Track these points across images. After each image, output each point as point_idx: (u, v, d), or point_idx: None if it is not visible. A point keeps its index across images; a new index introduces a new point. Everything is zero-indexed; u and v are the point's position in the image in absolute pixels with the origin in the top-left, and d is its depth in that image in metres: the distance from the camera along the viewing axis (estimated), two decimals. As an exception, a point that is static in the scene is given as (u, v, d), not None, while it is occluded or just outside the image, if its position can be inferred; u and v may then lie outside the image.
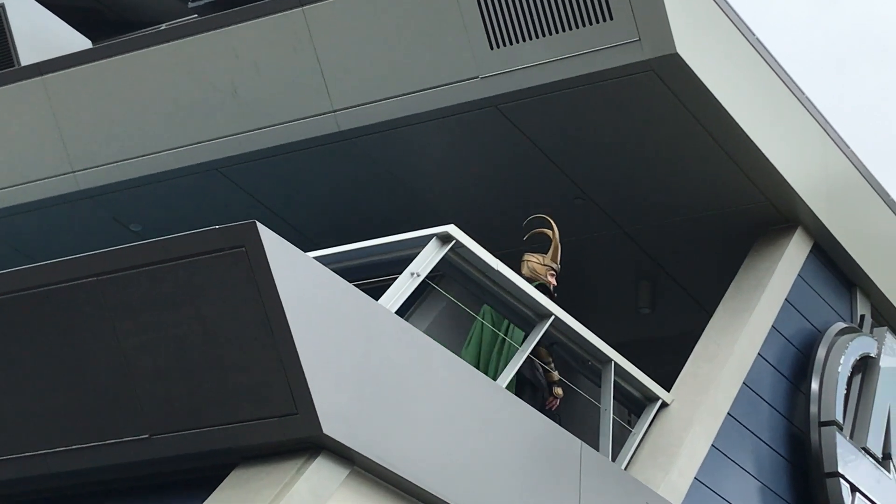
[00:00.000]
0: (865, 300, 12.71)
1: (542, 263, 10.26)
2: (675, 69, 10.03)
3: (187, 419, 6.88)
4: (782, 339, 11.46)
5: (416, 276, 8.29)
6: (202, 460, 6.93)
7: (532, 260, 10.31)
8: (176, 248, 6.77)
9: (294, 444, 6.81)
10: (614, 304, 12.72)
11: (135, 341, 6.88)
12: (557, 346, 9.78)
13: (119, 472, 7.09)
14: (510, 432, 8.11)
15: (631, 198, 11.55)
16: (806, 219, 11.71)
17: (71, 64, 11.63)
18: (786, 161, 11.20)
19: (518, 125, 10.75)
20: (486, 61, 10.32)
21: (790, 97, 11.57)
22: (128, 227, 12.24)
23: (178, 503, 6.88)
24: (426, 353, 7.66)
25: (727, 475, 10.39)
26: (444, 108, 10.60)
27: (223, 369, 6.79)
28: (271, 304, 6.64)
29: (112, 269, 6.87)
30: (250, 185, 11.70)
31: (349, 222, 11.80)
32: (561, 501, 8.26)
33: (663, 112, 10.49)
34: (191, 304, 6.77)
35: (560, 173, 11.29)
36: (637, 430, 10.15)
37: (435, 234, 8.53)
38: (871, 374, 12.14)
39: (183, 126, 11.31)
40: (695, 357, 10.84)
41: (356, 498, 6.98)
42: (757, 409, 10.97)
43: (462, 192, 11.66)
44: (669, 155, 11.00)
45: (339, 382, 6.90)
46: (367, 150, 11.15)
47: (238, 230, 6.66)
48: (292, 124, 11.00)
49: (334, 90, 10.80)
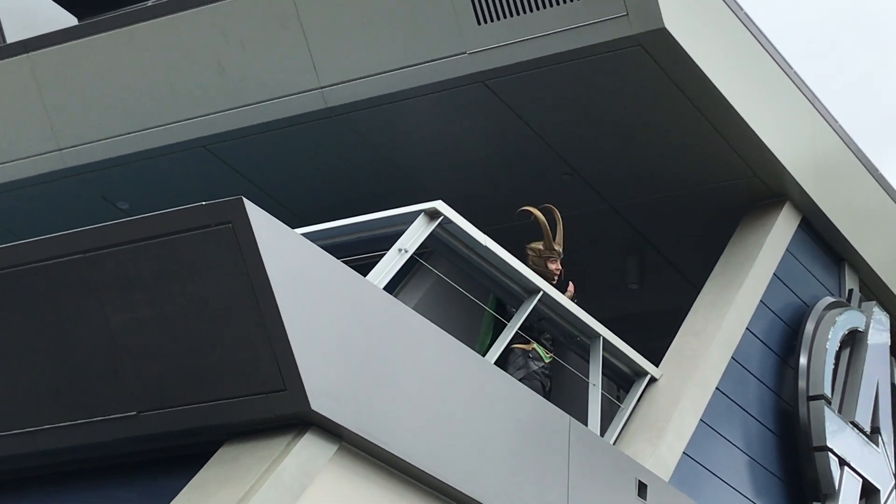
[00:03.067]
0: (854, 274, 12.73)
1: (538, 255, 10.18)
2: (663, 44, 10.02)
3: (175, 396, 6.86)
4: (771, 313, 11.48)
5: (403, 252, 8.29)
6: (190, 437, 6.92)
7: (530, 253, 10.24)
8: (163, 224, 6.74)
9: (282, 420, 6.80)
10: (603, 279, 12.72)
11: (122, 318, 6.86)
12: (546, 321, 9.77)
13: (107, 450, 7.08)
14: (499, 408, 8.11)
15: (619, 173, 11.55)
16: (794, 193, 11.71)
17: (57, 41, 11.58)
18: (774, 136, 11.20)
19: (506, 101, 10.73)
20: (474, 37, 10.30)
21: (779, 72, 11.55)
22: (115, 204, 12.21)
23: (165, 480, 6.86)
24: (414, 329, 7.65)
25: (715, 449, 10.42)
26: (432, 84, 10.58)
27: (211, 346, 6.77)
28: (259, 281, 6.63)
29: (99, 245, 6.85)
30: (238, 161, 11.68)
31: (337, 198, 11.78)
32: (550, 476, 8.27)
33: (651, 87, 10.47)
34: (178, 281, 6.75)
35: (548, 149, 11.28)
36: (626, 405, 10.17)
37: (423, 210, 8.52)
38: (860, 349, 12.17)
39: (170, 103, 11.28)
40: (683, 332, 10.85)
41: (345, 474, 6.97)
42: (745, 384, 10.99)
43: (450, 167, 11.65)
44: (658, 130, 11.00)
45: (327, 359, 6.89)
46: (355, 127, 11.12)
47: (225, 206, 6.64)
48: (279, 101, 10.97)
49: (321, 66, 10.76)
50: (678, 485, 9.65)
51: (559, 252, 10.25)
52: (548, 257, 10.18)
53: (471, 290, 9.45)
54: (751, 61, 11.20)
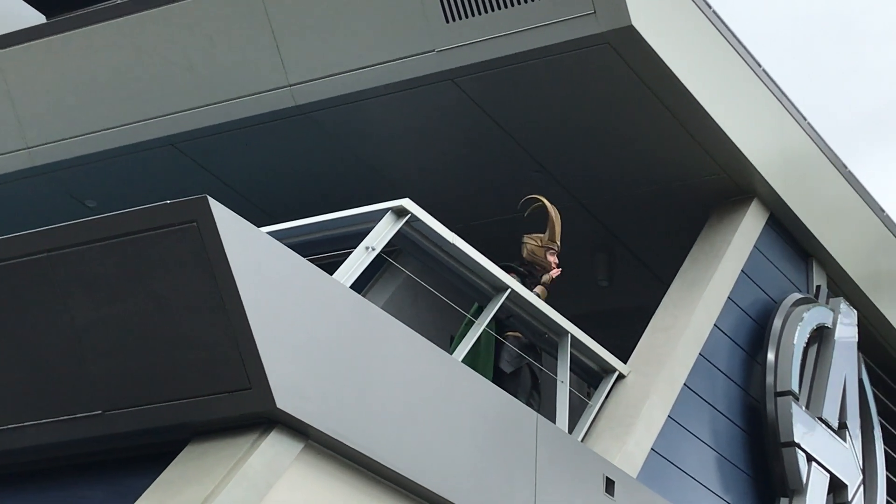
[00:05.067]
0: (821, 271, 12.79)
1: (540, 245, 10.25)
2: (631, 42, 10.05)
3: (140, 395, 6.85)
4: (738, 310, 11.53)
5: (371, 250, 8.28)
6: (155, 436, 6.91)
7: (530, 241, 10.31)
8: (127, 223, 6.73)
9: (248, 418, 6.79)
10: (572, 276, 12.71)
11: (87, 317, 6.85)
12: (514, 318, 9.80)
13: (72, 449, 7.06)
14: (466, 405, 8.13)
15: (588, 171, 11.58)
16: (762, 190, 11.76)
17: (25, 39, 11.54)
18: (742, 133, 11.25)
19: (474, 98, 10.74)
20: (442, 35, 10.31)
21: (747, 70, 11.60)
22: (84, 202, 12.18)
23: (131, 479, 6.85)
24: (381, 328, 7.65)
25: (684, 446, 10.46)
26: (401, 82, 10.59)
27: (176, 345, 6.77)
28: (224, 280, 6.62)
29: (63, 244, 6.83)
30: (206, 160, 11.66)
31: (307, 196, 11.78)
32: (518, 473, 8.29)
33: (619, 85, 10.51)
34: (143, 280, 6.74)
35: (517, 146, 11.30)
36: (594, 402, 10.19)
37: (390, 207, 8.52)
38: (827, 345, 12.22)
39: (138, 101, 11.25)
40: (651, 329, 10.89)
41: (311, 472, 6.98)
42: (713, 380, 11.03)
43: (420, 165, 11.66)
44: (626, 128, 11.03)
45: (292, 357, 6.89)
46: (324, 125, 11.12)
47: (189, 205, 6.63)
48: (248, 99, 10.96)
49: (290, 64, 10.76)
50: (646, 481, 9.69)
51: (559, 246, 10.30)
52: (549, 249, 10.26)
53: (440, 289, 9.46)
54: (719, 59, 11.25)
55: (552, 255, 10.29)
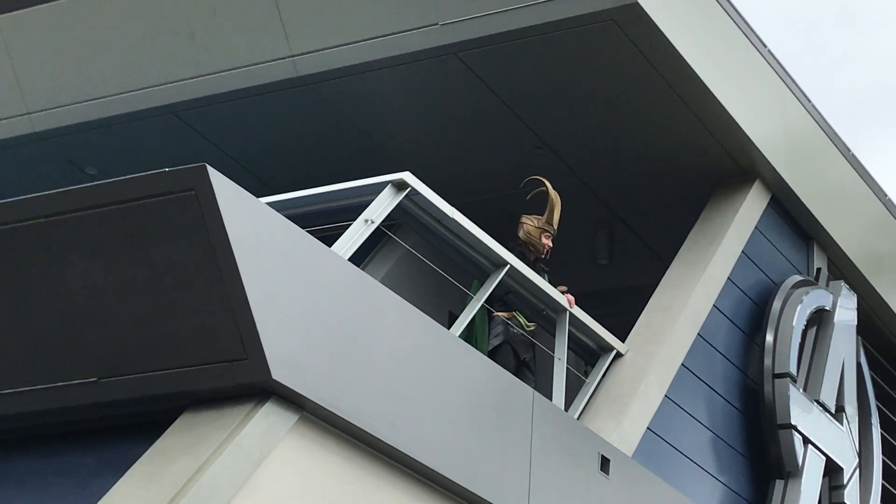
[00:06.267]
0: (822, 253, 12.76)
1: (537, 226, 10.25)
2: (636, 19, 9.99)
3: (136, 363, 6.83)
4: (738, 291, 11.50)
5: (370, 223, 8.26)
6: (150, 404, 6.89)
7: (528, 222, 10.31)
8: (125, 190, 6.69)
9: (243, 389, 6.77)
10: (572, 254, 12.71)
11: (83, 284, 6.81)
12: (513, 295, 9.77)
13: (67, 416, 7.04)
14: (462, 380, 8.11)
15: (590, 148, 11.53)
16: (764, 171, 11.72)
17: (26, 4, 11.48)
18: (745, 113, 11.19)
19: (478, 73, 10.69)
20: (446, 8, 10.25)
21: (752, 50, 11.55)
22: (83, 170, 12.15)
23: (125, 447, 6.83)
24: (378, 301, 7.63)
25: (680, 425, 10.45)
26: (404, 55, 10.53)
27: (172, 314, 6.74)
28: (221, 249, 6.58)
29: (61, 210, 6.79)
30: (207, 129, 11.62)
31: (307, 168, 11.73)
32: (512, 450, 8.28)
33: (623, 62, 10.45)
34: (140, 248, 6.71)
35: (520, 122, 11.25)
36: (591, 380, 10.18)
37: (390, 181, 8.49)
38: (826, 328, 12.20)
39: (139, 69, 11.20)
40: (650, 308, 10.86)
41: (305, 443, 6.96)
42: (711, 361, 11.01)
43: (421, 139, 11.61)
44: (629, 106, 10.98)
45: (289, 328, 6.86)
46: (326, 96, 11.07)
47: (188, 173, 6.59)
48: (250, 68, 10.91)
49: (293, 35, 10.70)
50: (641, 460, 9.68)
51: (555, 230, 10.30)
52: (544, 231, 10.24)
53: (439, 263, 9.43)
54: (724, 38, 11.19)
55: (547, 238, 10.29)
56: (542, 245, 10.23)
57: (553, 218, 10.33)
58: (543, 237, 10.26)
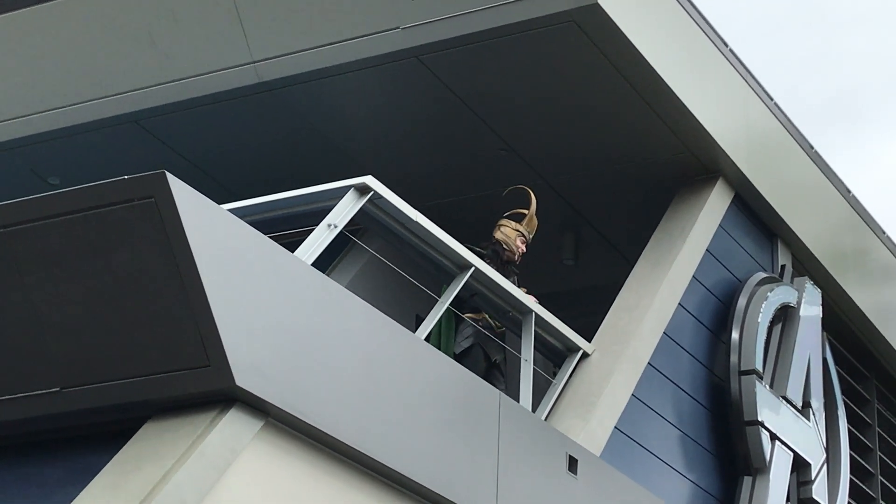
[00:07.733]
0: (786, 250, 12.82)
1: (514, 229, 10.51)
2: (596, 20, 10.02)
3: (99, 372, 6.80)
4: (703, 289, 11.54)
5: (333, 227, 8.24)
6: (114, 413, 6.86)
7: (506, 224, 10.54)
8: (85, 199, 6.66)
9: (207, 396, 6.75)
10: (538, 255, 12.72)
11: (44, 293, 6.79)
12: (478, 297, 9.78)
13: (30, 426, 7.01)
14: (428, 383, 8.11)
15: (554, 149, 11.56)
16: (727, 170, 11.77)
17: (-15, 14, 11.42)
18: (707, 113, 11.24)
19: (440, 76, 10.69)
20: (407, 12, 10.25)
21: (713, 49, 11.59)
22: (46, 179, 12.09)
23: (89, 456, 6.80)
24: (342, 305, 7.62)
25: (648, 424, 10.47)
26: (365, 59, 10.53)
27: (135, 322, 6.72)
28: (182, 256, 6.57)
29: (20, 219, 6.76)
30: (170, 137, 11.58)
31: (271, 175, 11.70)
32: (480, 452, 8.28)
33: (585, 63, 10.48)
34: (101, 256, 6.69)
35: (483, 125, 11.26)
36: (558, 381, 10.19)
37: (352, 185, 8.48)
38: (791, 324, 12.25)
39: (100, 77, 11.16)
40: (616, 308, 10.89)
41: (270, 450, 6.94)
42: (678, 359, 11.05)
43: (385, 143, 11.61)
44: (591, 106, 11.01)
45: (252, 334, 6.85)
46: (288, 102, 11.06)
47: (147, 180, 6.57)
48: (211, 75, 10.89)
49: (254, 41, 10.68)
50: (609, 459, 9.70)
51: (530, 238, 10.59)
52: (520, 235, 10.48)
53: (404, 267, 9.43)
54: (685, 38, 11.23)
55: (522, 243, 10.53)
56: (516, 247, 10.37)
57: (532, 225, 10.60)
58: (518, 241, 10.47)
